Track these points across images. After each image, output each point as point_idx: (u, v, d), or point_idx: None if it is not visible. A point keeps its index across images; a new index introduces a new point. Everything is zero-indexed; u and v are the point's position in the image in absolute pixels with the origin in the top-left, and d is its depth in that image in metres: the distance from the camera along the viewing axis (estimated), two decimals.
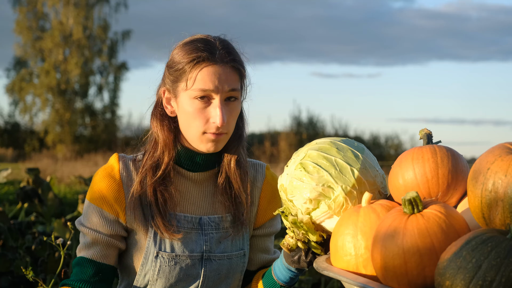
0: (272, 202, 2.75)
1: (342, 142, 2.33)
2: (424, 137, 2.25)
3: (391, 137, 36.86)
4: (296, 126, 35.11)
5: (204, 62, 2.50)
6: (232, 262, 2.63)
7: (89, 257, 2.55)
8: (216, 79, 2.50)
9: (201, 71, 2.50)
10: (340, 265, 2.10)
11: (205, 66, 2.50)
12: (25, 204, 7.41)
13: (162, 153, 2.58)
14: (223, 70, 2.51)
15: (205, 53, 2.51)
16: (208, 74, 2.50)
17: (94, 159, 26.68)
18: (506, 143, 1.90)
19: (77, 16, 36.50)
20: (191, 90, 2.51)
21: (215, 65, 2.51)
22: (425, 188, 2.11)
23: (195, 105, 2.51)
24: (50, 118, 36.86)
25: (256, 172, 2.75)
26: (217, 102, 2.50)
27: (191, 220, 2.58)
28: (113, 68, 38.23)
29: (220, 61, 2.52)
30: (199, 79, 2.50)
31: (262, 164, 2.79)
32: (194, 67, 2.51)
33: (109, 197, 2.55)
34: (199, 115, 2.52)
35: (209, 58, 2.50)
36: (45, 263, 4.68)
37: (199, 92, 2.50)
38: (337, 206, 2.23)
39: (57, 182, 16.66)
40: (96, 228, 2.55)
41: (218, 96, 2.50)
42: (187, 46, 2.55)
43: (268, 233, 2.76)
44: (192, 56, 2.51)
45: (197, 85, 2.50)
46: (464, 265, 1.68)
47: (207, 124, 2.52)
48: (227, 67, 2.53)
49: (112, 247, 2.56)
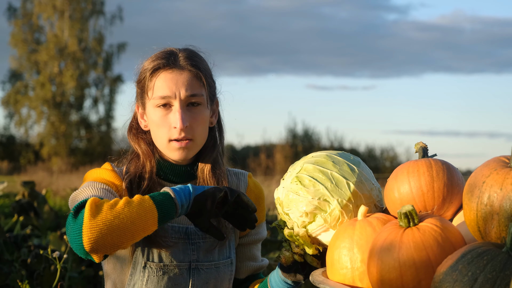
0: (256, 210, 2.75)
1: (338, 156, 2.34)
2: (420, 150, 2.26)
3: (387, 149, 36.89)
4: (291, 138, 35.13)
5: (160, 69, 2.54)
6: (220, 270, 2.63)
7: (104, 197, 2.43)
8: (173, 84, 2.52)
9: (158, 78, 2.53)
10: (336, 278, 2.10)
11: (162, 73, 2.53)
12: (20, 217, 7.40)
13: (144, 162, 2.60)
14: (181, 75, 2.53)
15: (163, 60, 2.54)
16: (165, 80, 2.53)
17: None
18: (501, 157, 1.90)
19: (72, 28, 36.53)
20: (152, 99, 2.54)
21: (172, 71, 2.53)
22: (420, 201, 2.12)
23: (158, 113, 2.54)
24: (45, 131, 36.84)
25: (239, 181, 2.76)
26: (177, 107, 2.52)
27: (179, 230, 2.58)
28: (109, 80, 38.25)
29: (177, 66, 2.54)
30: (157, 86, 2.53)
31: (244, 173, 2.79)
32: (153, 75, 2.54)
33: (113, 180, 2.52)
34: (162, 123, 2.54)
35: (166, 64, 2.53)
36: (41, 276, 4.67)
37: (159, 100, 2.52)
38: (333, 220, 2.24)
39: (52, 195, 16.64)
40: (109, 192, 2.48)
41: (177, 101, 2.52)
42: (150, 58, 2.59)
43: (254, 240, 2.77)
44: (151, 65, 2.55)
45: (156, 93, 2.53)
46: (460, 279, 1.68)
47: (170, 131, 2.54)
48: (185, 72, 2.54)
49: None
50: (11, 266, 5.03)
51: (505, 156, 1.90)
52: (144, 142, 2.64)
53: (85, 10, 37.11)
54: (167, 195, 2.29)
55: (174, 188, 2.31)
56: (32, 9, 37.19)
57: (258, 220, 2.74)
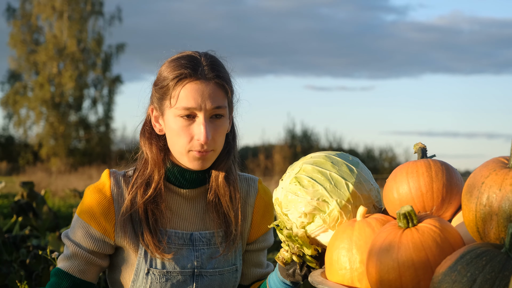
0: (265, 217, 2.74)
1: (337, 156, 2.34)
2: (419, 151, 2.26)
3: (385, 150, 36.90)
4: (290, 139, 35.14)
5: (186, 79, 2.48)
6: (224, 277, 2.62)
7: (66, 270, 2.56)
8: (199, 96, 2.47)
9: (184, 88, 2.48)
10: (335, 279, 2.10)
11: (187, 83, 2.48)
12: (19, 217, 7.40)
13: (152, 171, 2.57)
14: (206, 87, 2.49)
15: (187, 70, 2.49)
16: (191, 91, 2.48)
17: (88, 172, 26.63)
18: (500, 157, 1.90)
19: (71, 29, 36.51)
20: (174, 108, 2.49)
21: (197, 82, 2.48)
22: (419, 202, 2.12)
23: (179, 123, 2.49)
24: (44, 131, 36.82)
25: (249, 187, 2.74)
26: (201, 120, 2.48)
27: (182, 236, 2.57)
28: (107, 81, 38.24)
29: (204, 78, 2.49)
30: (182, 97, 2.48)
31: (254, 179, 2.77)
32: (177, 85, 2.49)
33: (98, 213, 2.54)
34: (183, 133, 2.50)
35: (192, 74, 2.48)
36: (40, 277, 4.67)
37: (182, 110, 2.48)
38: (332, 220, 2.24)
39: (51, 195, 16.64)
40: (79, 242, 2.56)
41: (202, 114, 2.48)
42: (172, 63, 2.54)
43: (262, 247, 2.76)
44: (176, 73, 2.50)
45: (180, 103, 2.48)
46: (459, 279, 1.68)
47: (192, 142, 2.50)
48: (211, 84, 2.50)
49: (92, 264, 2.56)
50: (10, 266, 5.03)
51: (504, 157, 1.90)
52: (156, 148, 2.59)
53: (84, 11, 37.10)
54: None
55: None
56: (31, 9, 37.17)
57: (267, 227, 2.73)
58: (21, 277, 4.86)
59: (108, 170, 2.62)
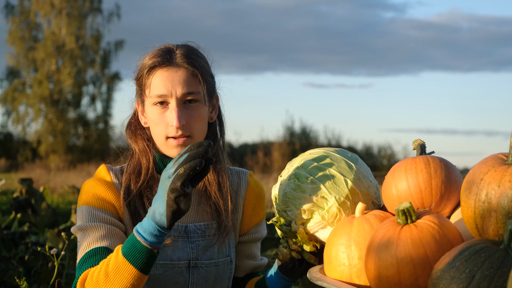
0: (256, 208, 2.75)
1: (335, 153, 2.34)
2: (418, 147, 2.26)
3: (384, 147, 36.87)
4: (289, 136, 35.13)
5: (157, 67, 2.53)
6: (219, 269, 2.63)
7: (108, 246, 2.44)
8: (168, 82, 2.51)
9: (155, 77, 2.53)
10: (333, 275, 2.10)
11: (158, 71, 2.53)
12: (18, 214, 7.40)
13: (139, 159, 2.60)
14: (176, 73, 2.52)
15: (159, 58, 2.53)
16: (161, 79, 2.52)
17: (87, 169, 26.63)
18: (499, 154, 1.91)
19: (70, 26, 36.51)
20: (149, 97, 2.54)
21: (168, 69, 2.52)
22: (418, 198, 2.12)
23: (155, 111, 2.53)
24: (43, 128, 36.83)
25: (240, 179, 2.76)
26: (173, 105, 2.51)
27: (178, 228, 2.58)
28: (106, 78, 38.25)
29: (173, 64, 2.53)
30: (154, 85, 2.52)
31: (245, 171, 2.79)
32: (150, 74, 2.53)
33: (108, 199, 2.53)
34: (159, 121, 2.53)
35: (162, 62, 2.52)
36: (39, 273, 4.67)
37: (155, 98, 2.52)
38: (330, 217, 2.24)
39: (50, 192, 16.62)
40: (108, 222, 2.50)
41: (173, 99, 2.51)
42: (148, 55, 2.58)
43: (254, 239, 2.76)
44: (148, 64, 2.54)
45: (153, 91, 2.52)
46: (458, 276, 1.69)
47: (167, 128, 2.53)
48: (181, 70, 2.53)
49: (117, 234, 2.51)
50: (9, 263, 5.03)
51: (503, 154, 1.90)
52: (141, 138, 2.63)
53: (82, 8, 37.10)
54: (137, 245, 2.26)
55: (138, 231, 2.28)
56: (29, 6, 37.18)
57: (258, 219, 2.74)
58: (20, 274, 4.86)
59: (104, 165, 2.63)
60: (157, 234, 2.25)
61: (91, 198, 2.54)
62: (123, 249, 2.27)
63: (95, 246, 2.43)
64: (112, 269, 2.27)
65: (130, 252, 2.26)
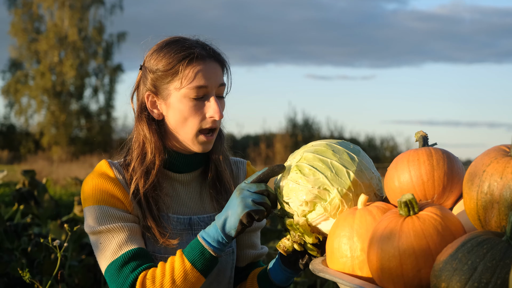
0: None
1: (338, 145, 2.34)
2: (420, 139, 2.26)
3: (386, 139, 36.82)
4: (291, 128, 35.08)
5: (196, 59, 2.52)
6: (222, 260, 2.64)
7: (140, 246, 2.46)
8: (209, 74, 2.52)
9: (194, 68, 2.51)
10: (336, 267, 2.11)
11: (198, 63, 2.52)
12: (21, 206, 7.40)
13: (153, 156, 2.56)
14: (212, 66, 2.55)
15: (196, 49, 2.53)
16: (202, 71, 2.51)
17: (90, 161, 26.64)
18: (501, 146, 1.90)
19: (72, 18, 36.47)
20: (185, 88, 2.51)
21: (205, 61, 2.53)
22: (420, 190, 2.12)
23: (190, 103, 2.52)
24: (45, 120, 36.81)
25: (238, 169, 2.79)
26: (214, 97, 2.53)
27: (182, 221, 2.59)
28: (109, 70, 38.21)
29: (212, 58, 2.55)
30: (193, 76, 2.51)
31: (242, 161, 2.81)
32: (187, 65, 2.51)
33: (118, 195, 2.51)
34: (195, 112, 2.52)
35: (200, 55, 2.52)
36: (41, 265, 4.69)
37: (194, 90, 2.50)
38: (333, 209, 2.24)
39: (52, 184, 16.66)
40: (127, 220, 2.49)
41: (213, 92, 2.54)
42: (173, 46, 2.55)
43: (253, 228, 2.77)
44: (183, 54, 2.52)
45: (193, 83, 2.50)
46: (460, 267, 1.69)
47: (204, 120, 2.53)
48: (216, 63, 2.56)
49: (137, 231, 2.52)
50: (12, 254, 5.04)
51: (506, 145, 1.90)
52: (156, 131, 2.58)
53: (85, 0, 37.05)
54: (206, 254, 2.38)
55: (206, 240, 2.38)
56: None
57: None
58: (23, 265, 4.87)
59: (105, 160, 2.60)
60: (224, 242, 2.37)
61: (100, 196, 2.52)
62: (190, 256, 2.38)
63: (129, 249, 2.44)
64: (179, 275, 2.36)
65: (199, 260, 2.37)
